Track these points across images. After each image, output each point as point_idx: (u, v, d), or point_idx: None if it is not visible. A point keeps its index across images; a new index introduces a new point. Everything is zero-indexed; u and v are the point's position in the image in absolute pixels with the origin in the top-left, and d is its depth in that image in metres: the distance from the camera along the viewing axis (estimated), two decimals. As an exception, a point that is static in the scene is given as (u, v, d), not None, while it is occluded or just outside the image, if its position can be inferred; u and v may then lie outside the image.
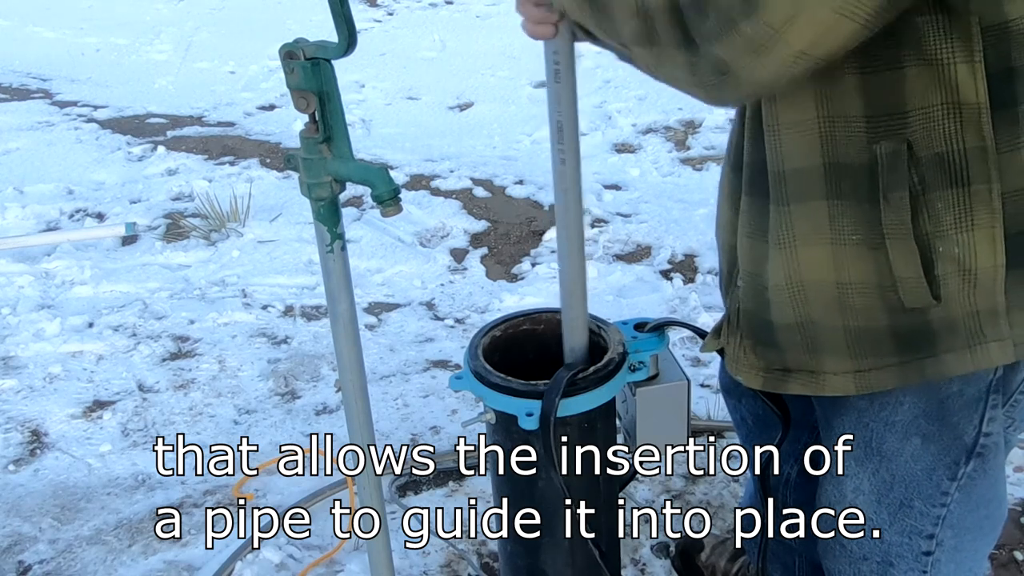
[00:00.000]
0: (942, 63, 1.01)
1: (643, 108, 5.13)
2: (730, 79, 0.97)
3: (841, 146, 1.07)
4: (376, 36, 6.93)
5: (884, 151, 1.04)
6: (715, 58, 0.96)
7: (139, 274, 3.54)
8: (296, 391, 2.82)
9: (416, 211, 3.99)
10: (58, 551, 2.24)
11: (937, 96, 1.02)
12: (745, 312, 1.25)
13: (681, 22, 0.96)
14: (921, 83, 1.02)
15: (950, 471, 1.24)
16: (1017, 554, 2.11)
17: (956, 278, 1.08)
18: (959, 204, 1.05)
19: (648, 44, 1.01)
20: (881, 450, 1.26)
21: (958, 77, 1.01)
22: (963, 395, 1.19)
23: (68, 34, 7.24)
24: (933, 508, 1.27)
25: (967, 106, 1.02)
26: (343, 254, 1.39)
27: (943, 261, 1.07)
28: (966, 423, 1.21)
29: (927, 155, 1.04)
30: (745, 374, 1.28)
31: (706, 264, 3.46)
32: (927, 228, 1.06)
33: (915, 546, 1.30)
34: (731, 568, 2.02)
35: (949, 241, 1.06)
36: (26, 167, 4.63)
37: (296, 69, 1.24)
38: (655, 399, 1.45)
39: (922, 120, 1.03)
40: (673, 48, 0.99)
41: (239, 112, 5.45)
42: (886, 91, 1.03)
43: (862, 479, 1.30)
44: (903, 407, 1.21)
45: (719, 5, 0.92)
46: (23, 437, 2.64)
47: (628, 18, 1.00)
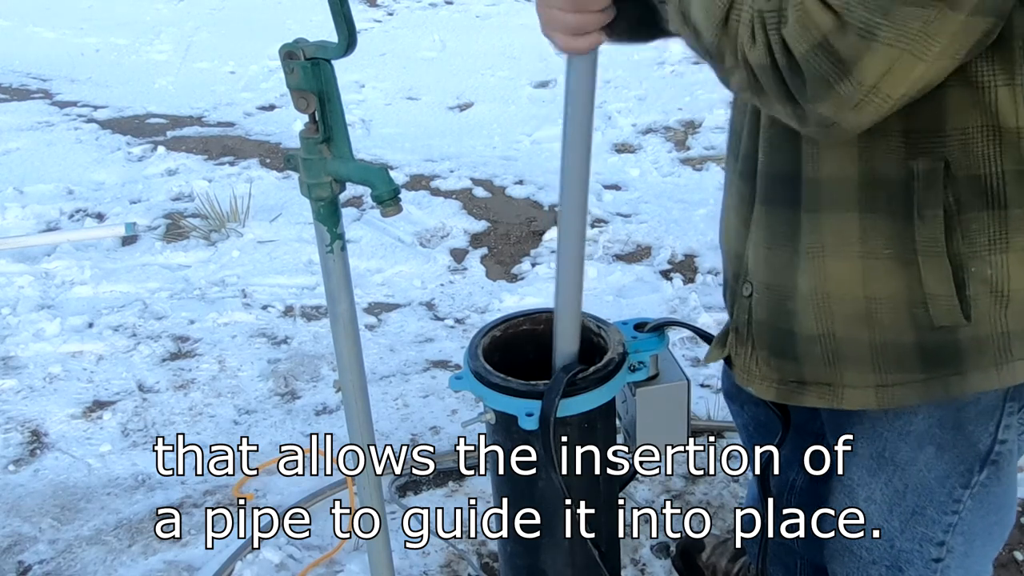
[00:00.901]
0: (983, 86, 1.01)
1: (643, 108, 5.13)
2: (835, 129, 0.99)
3: (878, 160, 1.07)
4: (376, 36, 6.93)
5: (921, 168, 1.05)
6: (818, 115, 0.98)
7: (139, 274, 3.54)
8: (296, 391, 2.82)
9: (416, 211, 3.99)
10: (58, 551, 2.24)
11: (976, 118, 1.02)
12: (759, 323, 1.24)
13: (783, 81, 0.97)
14: (961, 104, 1.02)
15: (963, 479, 1.23)
16: (1017, 554, 2.11)
17: (987, 298, 1.08)
18: (994, 226, 1.05)
19: (756, 94, 1.02)
20: (895, 460, 1.25)
21: (998, 100, 1.01)
22: (979, 404, 1.18)
23: (68, 34, 7.24)
24: (945, 515, 1.26)
25: (1007, 130, 1.02)
26: (343, 254, 1.39)
27: (975, 281, 1.07)
28: (981, 431, 1.20)
29: (964, 176, 1.04)
30: (757, 386, 1.27)
31: (706, 264, 3.46)
32: (960, 248, 1.06)
33: (925, 553, 1.29)
34: (732, 568, 2.02)
35: (982, 262, 1.06)
36: (26, 167, 4.63)
37: (296, 69, 1.24)
38: (655, 399, 1.45)
39: (960, 141, 1.03)
40: (779, 103, 1.00)
41: (239, 112, 5.45)
42: (926, 110, 1.03)
43: (874, 488, 1.29)
44: (917, 417, 1.21)
45: (813, 72, 0.93)
46: (23, 437, 2.64)
47: (736, 69, 1.01)
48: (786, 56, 0.94)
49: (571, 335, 1.39)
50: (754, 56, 0.97)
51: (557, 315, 1.37)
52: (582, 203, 1.29)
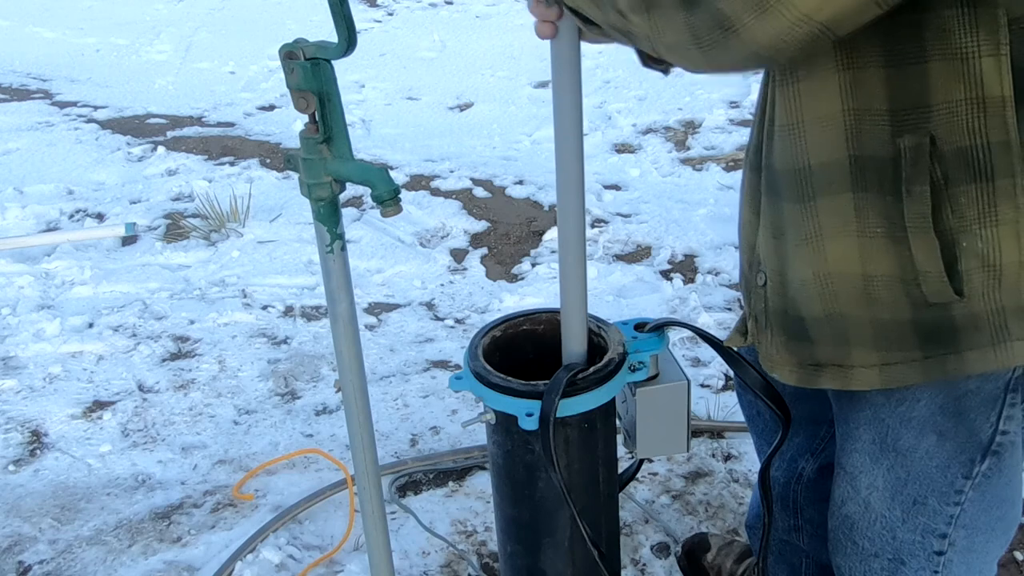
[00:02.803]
0: (967, 56, 1.00)
1: (643, 108, 5.13)
2: (731, 36, 0.95)
3: (866, 139, 1.07)
4: (376, 36, 6.94)
5: (907, 145, 1.04)
6: (716, 11, 0.94)
7: (139, 274, 3.54)
8: (296, 391, 2.82)
9: (416, 211, 3.99)
10: (58, 551, 2.24)
11: (961, 90, 1.02)
12: (775, 310, 1.25)
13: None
14: (945, 77, 1.01)
15: (965, 469, 1.23)
16: (1017, 554, 2.11)
17: (980, 274, 1.07)
18: (983, 199, 1.05)
19: (645, 9, 1.00)
20: (897, 446, 1.25)
21: (983, 70, 1.01)
22: (981, 392, 1.18)
23: (68, 34, 7.24)
24: (947, 506, 1.26)
25: (991, 100, 1.02)
26: (343, 254, 1.39)
27: (967, 256, 1.07)
28: (983, 421, 1.20)
29: (950, 149, 1.04)
30: (780, 370, 1.28)
31: (706, 264, 3.46)
32: (950, 223, 1.06)
33: (928, 545, 1.29)
34: (737, 569, 2.02)
35: (973, 236, 1.06)
36: (26, 167, 4.63)
37: (296, 69, 1.24)
38: (655, 399, 1.45)
39: (946, 114, 1.03)
40: (672, 8, 0.97)
41: (239, 112, 5.45)
42: (910, 85, 1.02)
43: (876, 475, 1.29)
44: (920, 403, 1.21)
45: None
46: (23, 437, 2.64)
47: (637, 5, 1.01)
48: None
49: (578, 336, 1.40)
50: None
51: (564, 318, 1.38)
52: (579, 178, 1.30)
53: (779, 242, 1.21)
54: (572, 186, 1.30)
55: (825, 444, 1.59)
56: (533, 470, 1.42)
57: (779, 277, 1.23)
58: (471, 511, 2.31)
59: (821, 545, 1.66)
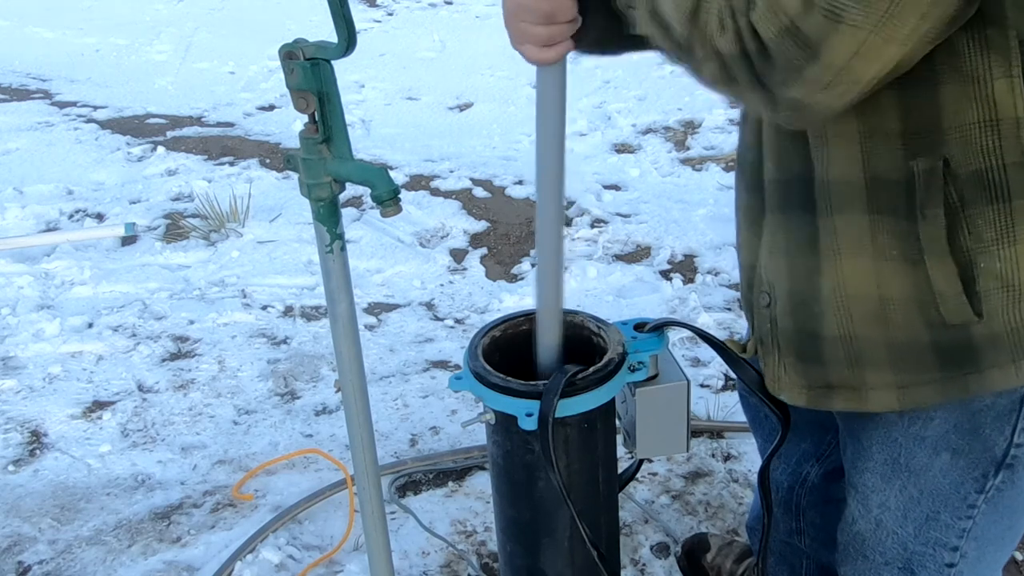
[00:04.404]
0: (979, 79, 1.01)
1: (643, 108, 5.13)
2: (807, 113, 1.01)
3: (880, 161, 1.07)
4: (376, 36, 6.93)
5: (921, 168, 1.04)
6: (788, 99, 0.99)
7: (139, 274, 3.54)
8: (296, 391, 2.82)
9: (416, 211, 3.99)
10: (58, 551, 2.24)
11: (974, 113, 1.02)
12: (784, 331, 1.24)
13: (753, 67, 0.97)
14: (957, 100, 1.02)
15: (978, 484, 1.22)
16: (1017, 554, 2.11)
17: (999, 294, 1.07)
18: (1000, 219, 1.05)
19: (727, 84, 1.03)
20: (910, 466, 1.24)
21: (996, 93, 1.01)
22: (995, 407, 1.17)
23: (68, 34, 7.24)
24: (960, 521, 1.25)
25: (1005, 121, 1.02)
26: (343, 254, 1.39)
27: (985, 277, 1.07)
28: (997, 435, 1.19)
29: (965, 171, 1.04)
30: (788, 392, 1.26)
31: (706, 264, 3.46)
32: (968, 244, 1.06)
33: (939, 558, 1.28)
34: (737, 569, 2.01)
35: (991, 257, 1.06)
36: (26, 167, 4.63)
37: (296, 69, 1.24)
38: (655, 399, 1.45)
39: (959, 138, 1.03)
40: (749, 90, 1.01)
41: (239, 112, 5.45)
42: (922, 108, 1.03)
43: (888, 495, 1.28)
44: (934, 422, 1.20)
45: (782, 55, 0.94)
46: (23, 437, 2.64)
47: (707, 60, 1.02)
48: (755, 41, 0.95)
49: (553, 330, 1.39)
50: (724, 44, 0.98)
51: (538, 310, 1.38)
52: (558, 212, 1.29)
53: (792, 258, 1.19)
54: (551, 190, 1.29)
55: (831, 450, 1.58)
56: (533, 470, 1.42)
57: (788, 296, 1.21)
58: (471, 511, 2.31)
59: (822, 547, 1.65)
